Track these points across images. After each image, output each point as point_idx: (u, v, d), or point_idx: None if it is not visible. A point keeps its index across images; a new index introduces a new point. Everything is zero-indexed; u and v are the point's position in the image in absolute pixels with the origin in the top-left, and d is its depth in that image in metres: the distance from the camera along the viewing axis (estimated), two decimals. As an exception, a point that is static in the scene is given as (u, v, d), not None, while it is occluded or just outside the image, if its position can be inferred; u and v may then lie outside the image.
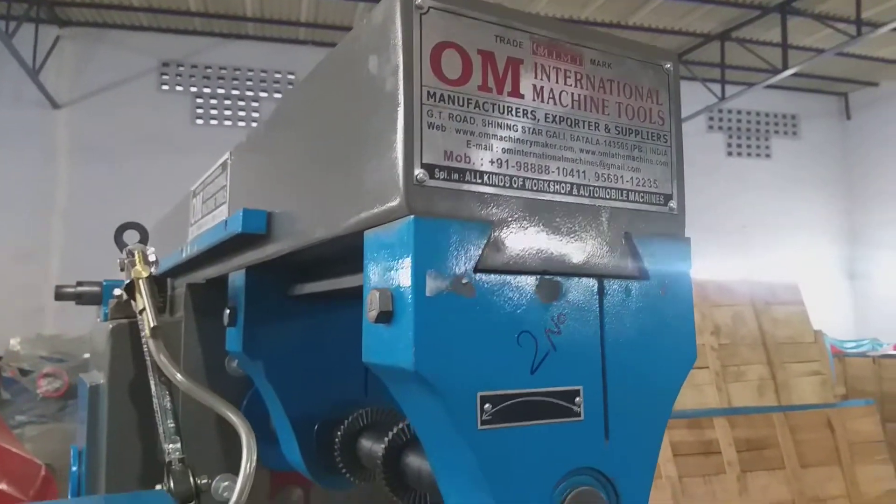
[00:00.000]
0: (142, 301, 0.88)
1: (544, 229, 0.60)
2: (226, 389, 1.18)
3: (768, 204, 13.53)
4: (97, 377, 1.28)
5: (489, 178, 0.58)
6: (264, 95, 14.79)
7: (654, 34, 13.84)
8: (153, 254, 1.02)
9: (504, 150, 0.59)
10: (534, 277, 0.58)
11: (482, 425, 0.54)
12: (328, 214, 0.68)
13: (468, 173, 0.57)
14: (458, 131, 0.57)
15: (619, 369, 0.61)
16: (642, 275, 0.64)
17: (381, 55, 0.57)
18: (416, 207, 0.54)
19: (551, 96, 0.62)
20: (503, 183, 0.59)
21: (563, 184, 0.62)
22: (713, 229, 12.24)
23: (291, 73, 14.78)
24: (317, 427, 0.98)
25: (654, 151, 0.67)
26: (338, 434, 0.92)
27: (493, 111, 0.59)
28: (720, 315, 4.22)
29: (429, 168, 0.55)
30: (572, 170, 0.62)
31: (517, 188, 0.59)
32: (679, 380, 0.65)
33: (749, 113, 15.44)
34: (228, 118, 14.64)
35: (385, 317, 0.55)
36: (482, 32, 0.59)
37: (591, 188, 0.63)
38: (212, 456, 1.13)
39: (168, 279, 1.42)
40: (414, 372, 0.52)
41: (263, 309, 0.96)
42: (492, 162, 0.58)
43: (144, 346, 0.90)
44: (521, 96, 0.60)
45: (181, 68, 14.74)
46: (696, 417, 3.81)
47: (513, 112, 0.60)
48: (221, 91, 14.71)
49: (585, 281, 0.61)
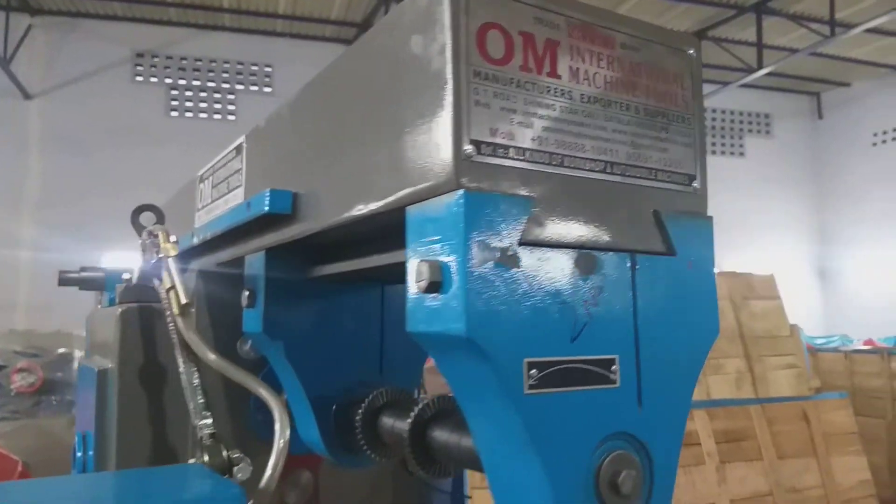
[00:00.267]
0: (169, 279, 0.88)
1: (581, 205, 0.62)
2: (246, 367, 1.20)
3: (741, 202, 13.71)
4: (103, 362, 1.28)
5: (531, 155, 0.60)
6: (240, 88, 14.66)
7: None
8: (174, 235, 1.03)
9: (544, 129, 0.61)
10: (572, 251, 0.61)
11: (528, 390, 0.56)
12: (365, 192, 0.69)
13: (511, 150, 0.59)
14: (502, 109, 0.59)
15: (651, 340, 0.64)
16: (670, 251, 0.67)
17: (428, 35, 0.59)
18: (465, 182, 0.56)
19: (586, 77, 0.64)
20: (543, 160, 0.61)
21: (598, 162, 0.64)
22: (688, 226, 12.38)
23: (269, 66, 14.66)
24: (334, 407, 0.99)
25: (679, 133, 0.70)
26: (358, 413, 0.93)
27: (534, 90, 0.61)
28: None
29: (476, 144, 0.57)
30: (606, 149, 0.65)
31: (556, 165, 0.62)
32: (704, 351, 0.68)
33: (724, 112, 15.65)
34: (204, 110, 14.49)
35: (434, 287, 0.57)
36: (522, 14, 0.61)
37: (623, 167, 0.66)
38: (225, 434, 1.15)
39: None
40: (466, 338, 0.54)
41: (283, 290, 0.97)
42: (533, 139, 0.60)
43: (171, 325, 0.91)
44: (559, 77, 0.63)
45: (156, 59, 14.54)
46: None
47: (551, 92, 0.62)
48: (197, 83, 14.54)
49: (619, 256, 0.63)
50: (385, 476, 1.35)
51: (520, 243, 0.58)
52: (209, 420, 0.87)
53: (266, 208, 0.86)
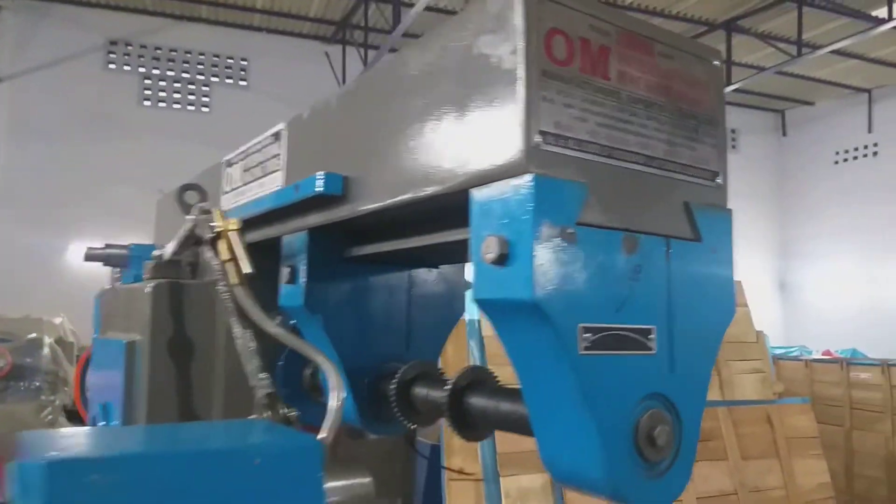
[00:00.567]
0: (226, 252, 0.95)
1: (626, 193, 0.71)
2: (265, 346, 1.27)
3: (708, 213, 13.98)
4: (128, 336, 1.33)
5: (586, 146, 0.69)
6: (215, 80, 14.54)
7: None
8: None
9: (597, 124, 0.70)
10: (618, 233, 0.69)
11: (583, 351, 0.65)
12: (426, 176, 0.77)
13: (571, 141, 0.67)
14: (564, 105, 0.67)
15: (681, 314, 0.73)
16: (697, 237, 0.76)
17: (502, 37, 0.67)
18: (534, 168, 0.64)
19: (631, 80, 0.73)
20: (596, 151, 0.69)
21: (640, 155, 0.73)
22: (656, 235, 12.63)
23: (244, 59, 14.56)
24: (367, 380, 1.07)
25: (707, 134, 0.79)
26: (392, 383, 1.01)
27: (589, 89, 0.70)
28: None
29: (543, 134, 0.65)
30: (646, 144, 0.73)
31: (606, 156, 0.70)
32: (723, 327, 0.77)
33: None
34: (177, 101, 14.34)
35: (502, 259, 0.65)
36: (581, 22, 0.69)
37: (660, 161, 0.74)
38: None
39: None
40: (532, 303, 0.62)
41: (323, 268, 1.05)
42: (588, 132, 0.69)
43: (225, 295, 0.97)
44: (609, 79, 0.71)
45: (129, 48, 14.33)
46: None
47: (603, 91, 0.71)
48: (171, 73, 14.37)
49: (657, 239, 0.72)
50: (397, 447, 1.42)
51: (576, 223, 0.66)
52: (266, 380, 0.93)
53: (320, 189, 0.93)
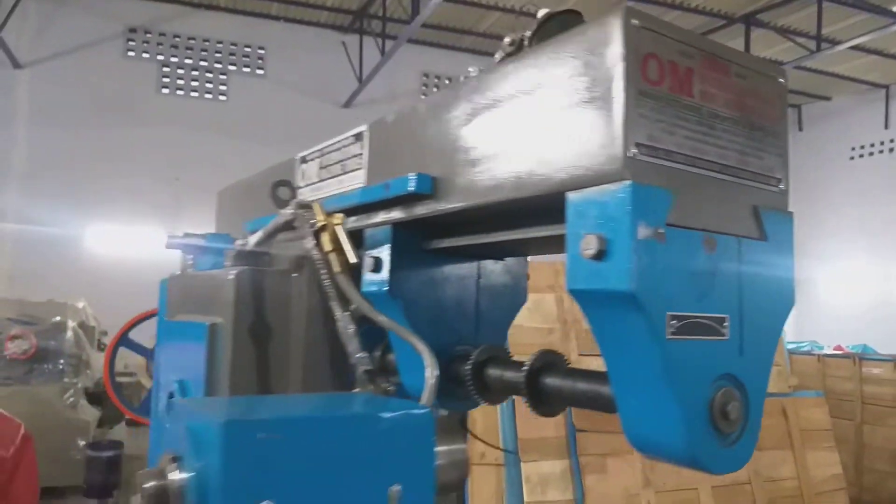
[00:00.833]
0: (328, 243, 1.05)
1: (705, 198, 0.80)
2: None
3: (722, 207, 14.01)
4: (205, 318, 1.44)
5: (674, 157, 0.78)
6: (233, 69, 14.65)
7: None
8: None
9: (683, 137, 0.79)
10: (699, 233, 0.79)
11: (670, 336, 0.75)
12: (522, 179, 0.87)
13: (661, 151, 0.77)
14: (656, 120, 0.77)
15: (749, 304, 0.82)
16: (763, 237, 0.85)
17: (604, 60, 0.77)
18: (631, 175, 0.74)
19: (711, 98, 0.82)
20: (682, 161, 0.79)
21: (717, 164, 0.82)
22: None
23: (262, 48, 14.65)
24: (440, 360, 1.16)
25: (772, 145, 0.88)
26: (467, 364, 1.11)
27: (677, 106, 0.79)
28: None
29: (638, 146, 0.75)
30: (723, 155, 0.83)
31: (690, 165, 0.80)
32: (784, 317, 0.87)
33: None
34: (195, 89, 14.45)
35: (600, 254, 0.74)
36: (670, 47, 0.79)
37: (734, 169, 0.84)
38: (326, 386, 1.32)
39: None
40: (629, 294, 0.72)
41: (403, 258, 1.15)
42: (675, 144, 0.78)
43: (326, 281, 1.07)
44: (693, 96, 0.81)
45: (148, 35, 14.43)
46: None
47: (689, 108, 0.80)
48: (189, 61, 14.48)
49: (730, 239, 0.82)
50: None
51: (665, 224, 0.76)
52: (366, 357, 1.03)
53: (412, 189, 1.03)
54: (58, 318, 7.32)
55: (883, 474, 6.20)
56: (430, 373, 0.96)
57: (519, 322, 1.31)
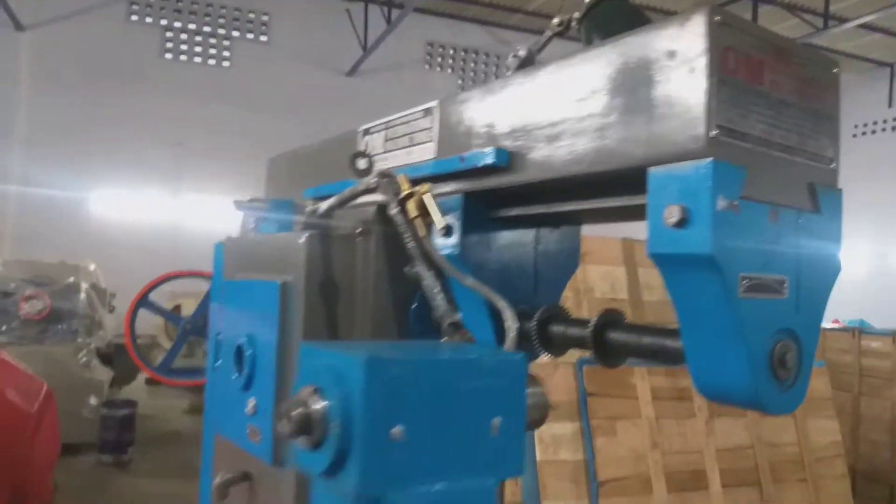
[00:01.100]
0: (414, 210, 1.15)
1: (771, 175, 0.91)
2: (405, 287, 1.49)
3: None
4: (274, 278, 1.55)
5: (747, 138, 0.89)
6: (236, 35, 14.60)
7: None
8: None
9: (754, 120, 0.90)
10: (765, 205, 0.90)
11: (741, 294, 0.86)
12: (603, 154, 0.97)
13: (737, 133, 0.88)
14: (733, 105, 0.87)
15: (805, 268, 0.94)
16: (817, 209, 0.96)
17: (690, 52, 0.87)
18: (712, 154, 0.84)
19: (778, 86, 0.93)
20: (753, 142, 0.90)
21: (781, 146, 0.93)
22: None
23: (266, 14, 14.58)
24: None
25: (827, 127, 0.99)
26: (533, 321, 1.22)
27: (750, 94, 0.89)
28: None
29: (719, 128, 0.85)
30: (786, 136, 0.93)
31: (759, 146, 0.90)
32: (832, 280, 0.99)
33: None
34: (198, 55, 14.41)
35: (681, 223, 0.85)
36: (745, 41, 0.89)
37: (794, 150, 0.95)
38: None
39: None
40: (709, 257, 0.83)
41: (472, 225, 1.25)
42: (748, 127, 0.89)
43: (411, 244, 1.18)
44: (763, 84, 0.91)
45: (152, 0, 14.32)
46: (673, 367, 4.25)
47: (760, 95, 0.90)
48: (192, 26, 14.41)
49: (791, 211, 0.93)
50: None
51: (739, 197, 0.86)
52: (454, 313, 1.14)
53: (489, 161, 1.13)
54: (71, 280, 7.44)
55: (878, 444, 6.42)
56: (512, 326, 1.07)
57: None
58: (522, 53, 1.75)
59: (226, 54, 14.96)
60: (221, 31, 15.09)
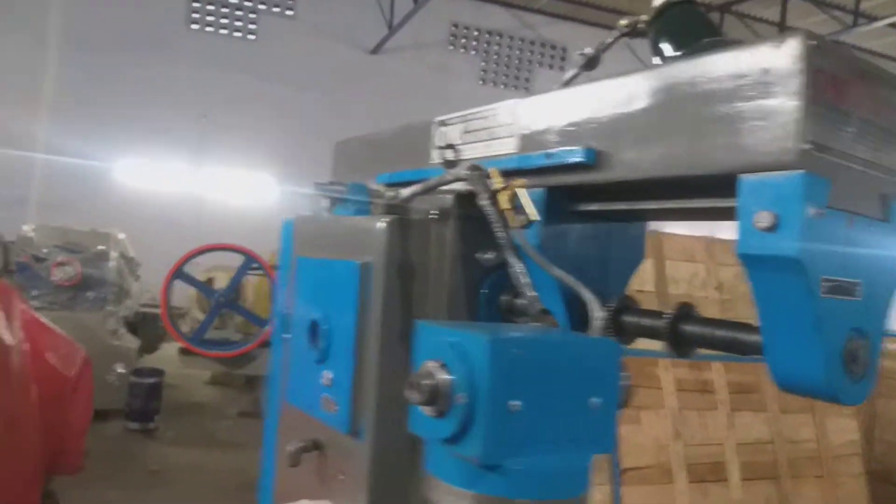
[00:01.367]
0: (507, 203, 1.24)
1: (851, 187, 1.00)
2: (476, 272, 1.59)
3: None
4: (352, 258, 1.64)
5: (832, 153, 0.97)
6: (262, 7, 14.62)
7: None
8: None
9: (838, 136, 0.98)
10: (845, 214, 0.99)
11: (822, 295, 0.95)
12: (696, 158, 1.06)
13: (824, 148, 0.96)
14: (822, 122, 0.96)
15: (875, 272, 1.03)
16: (887, 219, 1.05)
17: (786, 72, 0.95)
18: (804, 165, 0.93)
19: (860, 105, 1.01)
20: (837, 157, 0.98)
21: (861, 160, 1.02)
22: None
23: (291, -13, 14.56)
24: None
25: (899, 143, 1.08)
26: (608, 311, 1.32)
27: (837, 112, 0.98)
28: (724, 273, 4.74)
29: (809, 143, 0.94)
30: (866, 152, 1.02)
31: (842, 159, 0.99)
32: (895, 284, 1.08)
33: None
34: (224, 27, 14.45)
35: (772, 227, 0.94)
36: (834, 65, 0.97)
37: (870, 163, 1.03)
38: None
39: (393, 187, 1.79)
40: (796, 260, 0.92)
41: (552, 218, 1.35)
42: (834, 142, 0.98)
43: (500, 234, 1.26)
44: (848, 103, 0.99)
45: (179, -31, 14.32)
46: (697, 360, 4.35)
47: (845, 113, 0.99)
48: (219, -3, 14.42)
49: (865, 219, 1.02)
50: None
51: (825, 206, 0.95)
52: (538, 299, 1.23)
53: (577, 159, 1.22)
54: (101, 248, 7.57)
55: (893, 445, 6.48)
56: (598, 315, 1.17)
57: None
58: (589, 52, 1.84)
59: (252, 27, 14.97)
60: (248, 3, 15.08)
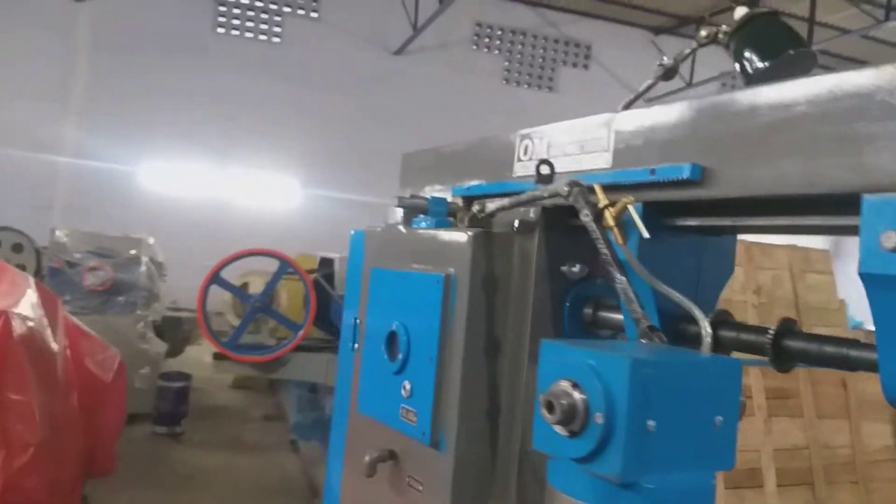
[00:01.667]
0: (612, 220, 1.25)
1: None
2: (560, 285, 1.60)
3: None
4: (433, 270, 1.66)
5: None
6: (288, 10, 14.70)
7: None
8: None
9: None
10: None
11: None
12: (811, 178, 1.06)
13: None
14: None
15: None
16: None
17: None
18: (934, 187, 0.94)
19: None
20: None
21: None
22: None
23: (317, -9, 14.64)
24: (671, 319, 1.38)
25: None
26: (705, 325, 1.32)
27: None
28: (762, 276, 4.72)
29: (938, 166, 0.95)
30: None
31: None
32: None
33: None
34: (250, 30, 14.55)
35: (902, 246, 0.95)
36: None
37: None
38: (549, 335, 1.55)
39: (470, 200, 1.80)
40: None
41: (651, 232, 1.35)
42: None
43: (602, 249, 1.27)
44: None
45: (205, -27, 14.42)
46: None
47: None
48: (245, 1, 14.53)
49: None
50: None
51: (954, 225, 0.95)
52: (644, 315, 1.24)
53: (685, 176, 1.23)
54: (133, 252, 7.64)
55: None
56: (708, 332, 1.18)
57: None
58: (668, 62, 1.84)
59: (276, 30, 15.05)
60: (273, 6, 15.17)
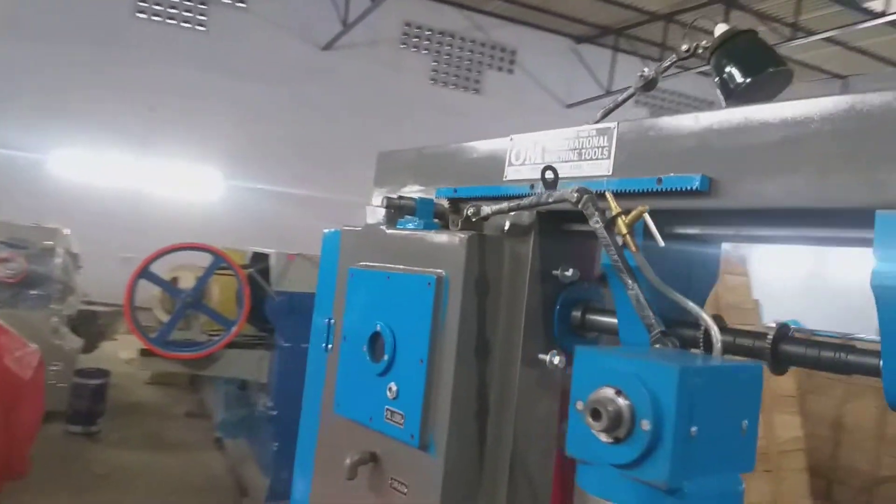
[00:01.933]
0: (624, 228, 1.27)
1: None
2: (551, 288, 1.62)
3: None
4: (428, 271, 1.65)
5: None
6: (211, -2, 14.21)
7: (600, 3, 14.37)
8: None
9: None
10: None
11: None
12: (824, 192, 1.12)
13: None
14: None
15: None
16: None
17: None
18: (947, 206, 1.00)
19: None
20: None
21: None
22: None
23: (242, -21, 14.23)
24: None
25: None
26: (700, 331, 1.37)
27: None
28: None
29: (953, 182, 1.01)
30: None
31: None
32: None
33: (675, 94, 16.42)
34: (172, 17, 13.99)
35: (907, 261, 1.01)
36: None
37: None
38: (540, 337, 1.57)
39: (456, 202, 1.80)
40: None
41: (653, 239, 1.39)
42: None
43: (614, 257, 1.29)
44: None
45: (123, -45, 13.78)
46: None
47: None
48: (165, -14, 13.96)
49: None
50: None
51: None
52: (657, 321, 1.26)
53: (694, 186, 1.26)
54: (47, 243, 7.25)
55: (824, 439, 6.84)
56: (719, 338, 1.22)
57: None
58: (649, 74, 1.89)
59: (201, 18, 14.53)
60: (195, -7, 14.58)
